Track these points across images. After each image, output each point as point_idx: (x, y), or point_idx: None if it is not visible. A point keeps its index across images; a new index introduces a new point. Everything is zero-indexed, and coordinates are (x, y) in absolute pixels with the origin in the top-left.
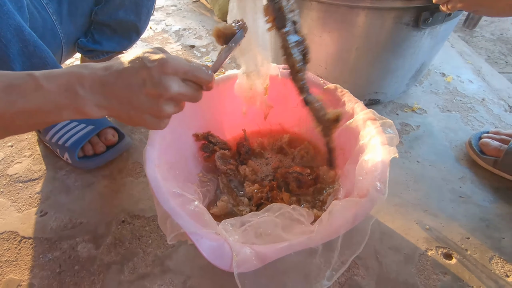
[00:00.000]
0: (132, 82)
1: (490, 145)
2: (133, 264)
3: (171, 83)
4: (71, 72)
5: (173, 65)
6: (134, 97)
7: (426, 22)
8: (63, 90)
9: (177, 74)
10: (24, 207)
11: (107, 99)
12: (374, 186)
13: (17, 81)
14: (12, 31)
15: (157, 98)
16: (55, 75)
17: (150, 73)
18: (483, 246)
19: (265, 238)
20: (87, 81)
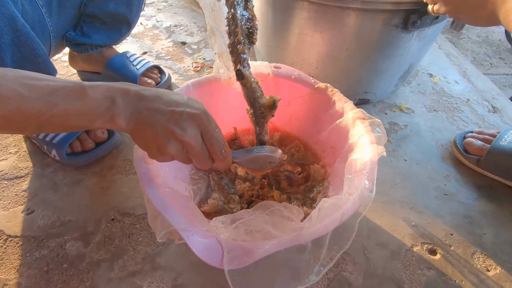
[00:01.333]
0: (162, 109)
1: (473, 144)
2: (123, 261)
3: (190, 129)
4: (119, 87)
5: (202, 119)
6: (156, 122)
7: (415, 24)
8: (105, 98)
9: (200, 127)
10: (10, 205)
11: (136, 115)
12: (363, 184)
13: (65, 87)
14: (5, 21)
15: (172, 134)
16: (102, 86)
17: (182, 112)
18: (466, 242)
19: (256, 235)
20: (129, 95)
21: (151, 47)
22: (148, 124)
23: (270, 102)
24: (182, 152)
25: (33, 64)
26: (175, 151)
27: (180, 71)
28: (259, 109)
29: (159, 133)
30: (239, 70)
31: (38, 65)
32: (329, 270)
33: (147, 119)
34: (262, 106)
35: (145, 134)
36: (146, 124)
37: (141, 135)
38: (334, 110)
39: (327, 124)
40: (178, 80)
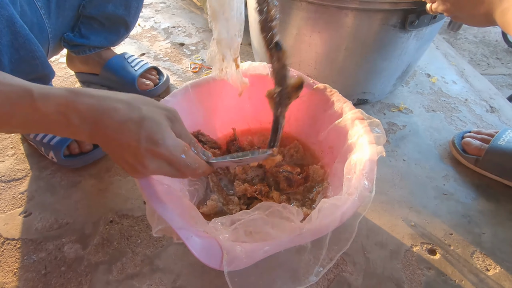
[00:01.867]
0: (119, 144)
1: (471, 144)
2: (121, 264)
3: (152, 165)
4: (68, 100)
5: (163, 155)
6: (117, 152)
7: (413, 24)
8: (58, 114)
9: (163, 162)
10: (7, 207)
11: (96, 139)
12: (362, 185)
13: (14, 96)
14: (4, 22)
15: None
16: (51, 98)
17: (136, 149)
18: (465, 242)
19: (255, 236)
20: (80, 114)
21: (149, 48)
22: (111, 152)
23: (298, 82)
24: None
25: (31, 65)
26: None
27: (179, 72)
28: (285, 88)
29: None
30: (278, 42)
31: (36, 66)
32: (329, 270)
33: (108, 148)
34: (289, 86)
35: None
36: (109, 151)
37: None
38: (333, 111)
39: (326, 124)
40: (176, 81)
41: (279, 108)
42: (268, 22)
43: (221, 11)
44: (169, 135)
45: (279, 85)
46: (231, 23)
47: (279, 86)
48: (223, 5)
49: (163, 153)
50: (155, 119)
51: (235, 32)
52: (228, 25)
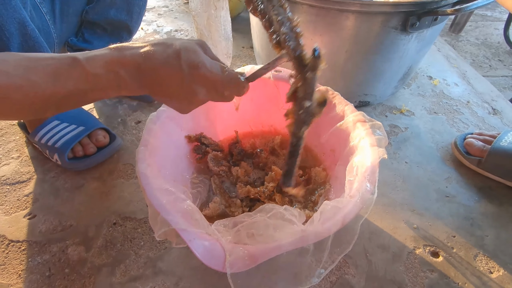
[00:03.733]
0: (166, 79)
1: (474, 145)
2: (124, 266)
3: (199, 91)
4: (112, 57)
5: (206, 75)
6: (166, 89)
7: (413, 26)
8: (107, 72)
9: (207, 85)
10: (12, 210)
11: (145, 83)
12: (364, 187)
13: (63, 67)
14: (16, 25)
15: (188, 95)
16: (97, 59)
17: (182, 78)
18: (468, 244)
19: (257, 238)
20: (127, 66)
21: None
22: (162, 94)
23: (322, 98)
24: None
25: None
26: (202, 97)
27: None
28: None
29: (177, 99)
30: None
31: None
32: (331, 273)
33: (159, 86)
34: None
35: (165, 97)
36: (160, 91)
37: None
38: (334, 113)
39: (328, 127)
40: None
41: (303, 127)
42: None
43: (209, 36)
44: (205, 58)
45: (308, 99)
46: (220, 47)
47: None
48: (210, 31)
49: (205, 74)
50: (190, 48)
51: (224, 54)
52: (217, 50)
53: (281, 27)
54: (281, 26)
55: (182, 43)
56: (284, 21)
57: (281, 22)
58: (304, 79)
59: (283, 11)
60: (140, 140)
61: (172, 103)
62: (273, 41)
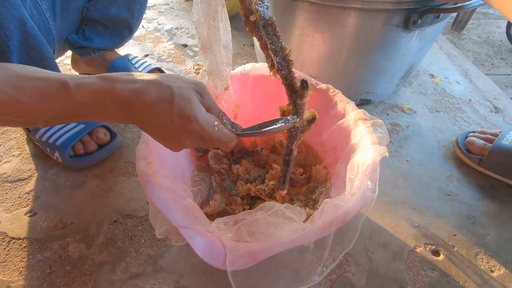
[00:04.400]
0: (153, 120)
1: (475, 143)
2: (125, 263)
3: (186, 141)
4: (101, 87)
5: (195, 130)
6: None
7: (415, 24)
8: (95, 102)
9: (195, 137)
10: (13, 207)
11: (133, 118)
12: (365, 185)
13: (52, 91)
14: (15, 23)
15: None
16: (86, 88)
17: (170, 126)
18: (469, 243)
19: (258, 236)
20: (116, 99)
21: (152, 50)
22: (148, 132)
23: (311, 116)
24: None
25: (39, 65)
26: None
27: (182, 73)
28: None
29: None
30: (305, 80)
31: (44, 67)
32: (332, 271)
33: (145, 128)
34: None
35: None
36: (146, 131)
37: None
38: (335, 111)
39: (329, 125)
40: None
41: (294, 141)
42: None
43: (208, 45)
44: (199, 110)
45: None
46: (219, 56)
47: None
48: (210, 40)
49: (195, 128)
50: (185, 97)
51: (224, 63)
52: (216, 59)
53: (275, 56)
54: (274, 55)
55: (178, 88)
56: (277, 50)
57: (274, 51)
58: (294, 104)
59: (277, 40)
60: (141, 138)
61: (158, 141)
62: (268, 63)
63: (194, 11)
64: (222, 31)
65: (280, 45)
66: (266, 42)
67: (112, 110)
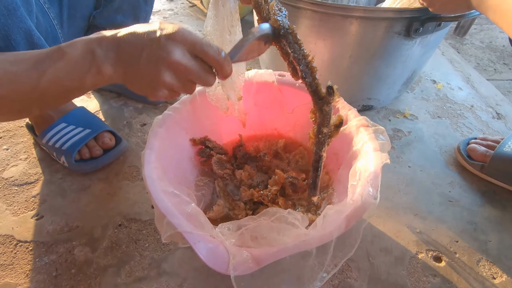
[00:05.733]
0: (141, 42)
1: (477, 150)
2: (129, 267)
3: (174, 49)
4: (94, 37)
5: (183, 34)
6: (139, 56)
7: (417, 32)
8: (85, 53)
9: (184, 45)
10: (20, 210)
11: (119, 57)
12: (367, 191)
13: (45, 53)
14: (22, 34)
15: (158, 61)
16: (78, 42)
17: (158, 37)
18: (471, 249)
19: (261, 241)
20: (105, 42)
21: None
22: (134, 61)
23: (338, 120)
24: (179, 78)
25: None
26: (170, 79)
27: None
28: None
29: (148, 66)
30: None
31: None
32: (334, 276)
33: (132, 58)
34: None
35: (135, 73)
36: (132, 62)
37: (132, 77)
38: None
39: None
40: None
41: (322, 147)
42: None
43: None
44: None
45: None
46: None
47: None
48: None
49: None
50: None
51: (238, 74)
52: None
53: (298, 64)
54: (298, 63)
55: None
56: (300, 58)
57: (297, 59)
58: (321, 111)
59: (298, 48)
60: (146, 143)
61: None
62: (290, 70)
63: (207, 24)
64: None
65: (302, 53)
66: (287, 51)
67: (99, 56)
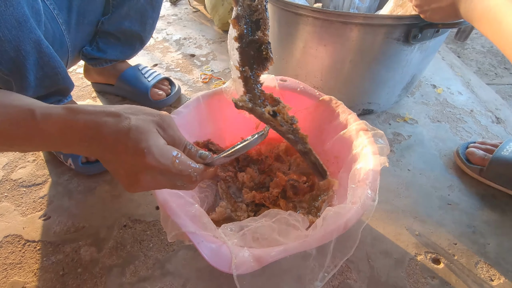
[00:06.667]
0: (113, 153)
1: (475, 154)
2: (134, 267)
3: (143, 178)
4: (66, 119)
5: (151, 164)
6: (112, 164)
7: (416, 38)
8: (58, 133)
9: (153, 173)
10: (28, 211)
11: (95, 151)
12: (366, 194)
13: (19, 119)
14: (32, 44)
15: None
16: (52, 118)
17: (125, 161)
18: (469, 252)
19: (262, 242)
20: (78, 131)
21: (161, 60)
22: (108, 167)
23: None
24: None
25: (53, 80)
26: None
27: (189, 82)
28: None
29: (120, 177)
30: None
31: (58, 81)
32: (334, 277)
33: (105, 163)
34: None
35: (110, 170)
36: (106, 166)
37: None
38: (338, 122)
39: (332, 135)
40: (187, 91)
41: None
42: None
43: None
44: (155, 142)
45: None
46: None
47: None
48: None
49: (151, 163)
50: (141, 128)
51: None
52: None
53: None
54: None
55: (136, 120)
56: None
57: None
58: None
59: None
60: None
61: (116, 177)
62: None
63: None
64: None
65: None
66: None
67: (75, 141)
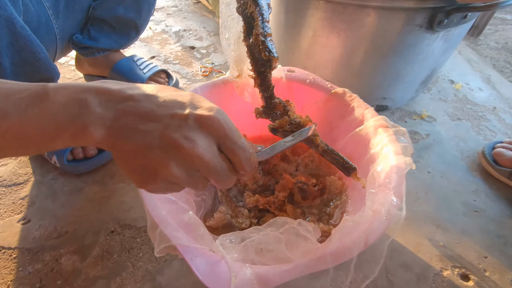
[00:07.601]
0: (158, 112)
1: (504, 155)
2: (121, 279)
3: (201, 139)
4: (94, 85)
5: (218, 122)
6: (148, 131)
7: (441, 24)
8: (72, 101)
9: (215, 136)
10: (5, 213)
11: (118, 120)
12: (389, 201)
13: (26, 89)
14: (3, 22)
15: (172, 147)
16: (71, 87)
17: (186, 115)
18: (502, 266)
19: (266, 255)
20: (106, 94)
21: (159, 52)
22: (138, 134)
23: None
24: (191, 174)
25: (34, 67)
26: (180, 173)
27: (188, 75)
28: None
29: (154, 149)
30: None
31: (39, 68)
32: None
33: (135, 129)
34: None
35: (132, 151)
36: (133, 136)
37: (126, 153)
38: (352, 117)
39: (344, 132)
40: (185, 84)
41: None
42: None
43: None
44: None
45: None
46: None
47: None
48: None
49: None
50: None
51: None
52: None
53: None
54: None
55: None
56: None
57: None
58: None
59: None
60: None
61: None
62: None
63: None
64: None
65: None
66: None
67: (91, 111)
